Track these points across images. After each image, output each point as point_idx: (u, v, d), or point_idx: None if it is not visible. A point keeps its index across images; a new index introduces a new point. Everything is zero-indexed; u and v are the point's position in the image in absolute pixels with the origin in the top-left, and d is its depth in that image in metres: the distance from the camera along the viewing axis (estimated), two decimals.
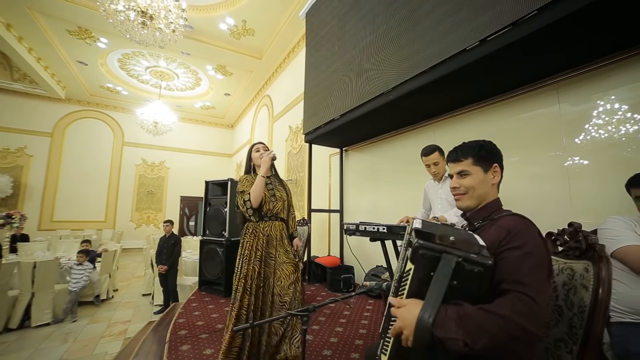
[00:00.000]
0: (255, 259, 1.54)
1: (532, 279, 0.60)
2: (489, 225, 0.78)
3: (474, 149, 0.85)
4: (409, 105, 2.55)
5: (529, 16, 1.50)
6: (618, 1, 1.29)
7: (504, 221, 0.75)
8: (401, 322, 0.58)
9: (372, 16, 2.73)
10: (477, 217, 0.84)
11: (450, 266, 0.55)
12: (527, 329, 0.54)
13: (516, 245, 0.65)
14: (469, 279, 0.56)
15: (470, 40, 1.79)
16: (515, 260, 0.63)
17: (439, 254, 0.56)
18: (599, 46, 1.66)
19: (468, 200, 0.84)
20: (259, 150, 1.74)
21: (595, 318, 0.61)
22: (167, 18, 3.76)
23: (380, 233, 1.43)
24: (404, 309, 0.59)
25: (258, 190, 1.53)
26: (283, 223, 1.69)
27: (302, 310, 0.89)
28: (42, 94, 8.07)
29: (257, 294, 1.51)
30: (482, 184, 0.82)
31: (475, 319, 0.56)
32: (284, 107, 6.21)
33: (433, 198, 1.93)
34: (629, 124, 1.66)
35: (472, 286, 0.57)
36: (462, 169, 0.84)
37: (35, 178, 8.15)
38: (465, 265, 0.56)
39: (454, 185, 0.86)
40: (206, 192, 3.51)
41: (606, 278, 0.63)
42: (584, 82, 1.83)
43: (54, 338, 2.79)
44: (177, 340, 1.99)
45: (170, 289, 3.63)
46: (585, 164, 1.80)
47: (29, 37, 5.65)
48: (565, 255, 0.81)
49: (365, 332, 2.11)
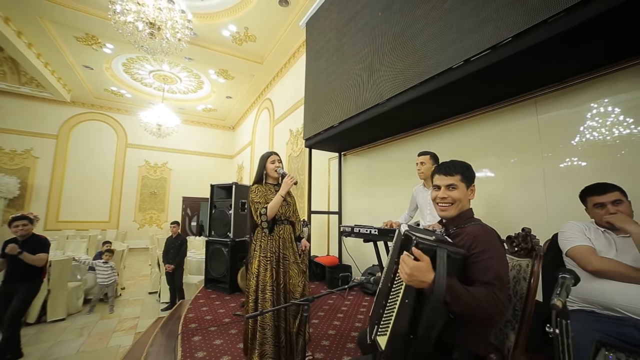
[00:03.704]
0: (273, 260, 1.69)
1: (498, 281, 0.80)
2: (460, 231, 0.97)
3: (463, 168, 1.04)
4: (402, 115, 2.73)
5: (505, 41, 1.68)
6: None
7: (470, 229, 0.94)
8: (418, 272, 0.76)
9: (369, 29, 2.90)
10: (452, 224, 1.03)
11: (444, 254, 0.77)
12: (490, 314, 0.76)
13: (483, 250, 0.85)
14: (452, 264, 0.79)
15: (456, 59, 1.97)
16: (484, 264, 0.83)
17: (435, 247, 0.78)
18: (587, 59, 1.79)
19: (452, 210, 1.01)
20: (275, 162, 1.82)
21: (528, 301, 0.79)
22: (174, 28, 3.94)
23: (372, 235, 1.62)
24: (419, 262, 0.77)
25: (275, 208, 1.68)
26: (291, 226, 1.84)
27: (304, 300, 1.08)
28: (48, 97, 8.25)
29: (273, 291, 1.65)
30: (464, 198, 1.01)
31: (458, 291, 0.77)
32: (285, 111, 6.39)
33: (422, 203, 2.10)
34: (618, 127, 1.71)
35: (453, 270, 0.80)
36: (452, 183, 1.01)
37: (41, 179, 8.33)
38: (450, 255, 0.78)
39: (443, 195, 1.02)
40: (211, 194, 3.69)
41: (537, 271, 0.81)
42: (560, 98, 2.01)
43: (70, 332, 2.98)
44: (188, 332, 2.18)
45: (177, 287, 3.81)
46: (572, 168, 1.95)
47: (38, 43, 5.84)
48: (518, 254, 0.99)
49: (361, 325, 2.29)
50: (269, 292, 1.61)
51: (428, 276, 0.75)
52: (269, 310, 1.15)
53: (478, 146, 2.53)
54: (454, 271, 0.79)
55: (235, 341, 2.02)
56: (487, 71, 1.85)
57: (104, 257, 3.85)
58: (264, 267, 1.67)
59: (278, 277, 1.67)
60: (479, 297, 0.77)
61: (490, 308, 0.76)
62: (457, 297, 0.75)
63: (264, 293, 1.62)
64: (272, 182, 1.85)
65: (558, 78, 1.95)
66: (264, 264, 1.68)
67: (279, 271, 1.68)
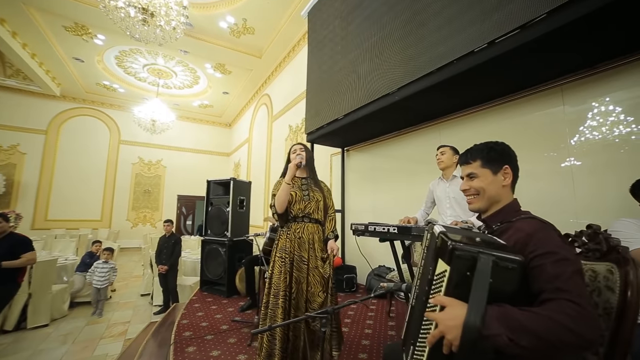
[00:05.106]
0: (286, 262, 1.51)
1: (574, 285, 0.59)
2: (505, 228, 0.78)
3: (483, 152, 0.86)
4: (414, 105, 2.55)
5: (539, 18, 1.51)
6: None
7: (522, 224, 0.74)
8: (443, 326, 0.56)
9: (378, 16, 2.72)
10: (494, 220, 0.84)
11: (488, 265, 0.55)
12: (575, 331, 0.53)
13: (546, 252, 0.64)
14: (503, 276, 0.56)
15: (478, 42, 1.80)
16: (552, 267, 0.62)
17: (476, 254, 0.56)
18: (607, 48, 1.67)
19: (479, 202, 0.85)
20: (296, 152, 1.68)
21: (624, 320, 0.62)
22: (168, 15, 3.72)
23: (391, 234, 1.43)
24: (444, 313, 0.58)
25: (281, 197, 1.52)
26: (318, 225, 1.63)
27: (321, 312, 0.89)
28: (37, 91, 7.92)
29: (287, 297, 1.46)
30: (491, 185, 0.83)
31: (518, 318, 0.55)
32: (284, 106, 6.19)
33: (441, 196, 1.93)
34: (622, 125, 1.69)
35: (507, 285, 0.57)
36: (471, 172, 0.86)
37: (29, 176, 8.00)
38: (499, 263, 0.55)
39: (464, 187, 0.87)
40: (208, 191, 3.48)
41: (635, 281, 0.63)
42: (586, 85, 1.86)
43: (53, 339, 2.75)
44: (182, 341, 1.98)
45: (171, 289, 3.59)
46: (579, 164, 1.83)
47: (23, 32, 5.54)
48: (585, 257, 0.82)
49: (371, 332, 2.11)
50: (281, 298, 1.43)
51: (459, 316, 0.55)
52: (277, 325, 0.96)
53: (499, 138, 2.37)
54: (508, 287, 0.57)
55: (235, 352, 1.83)
56: (514, 54, 1.68)
57: (103, 256, 3.69)
58: (278, 269, 1.51)
59: (291, 283, 1.48)
60: (556, 315, 0.54)
61: (573, 322, 0.53)
62: (522, 326, 0.53)
63: (276, 298, 1.45)
64: (300, 174, 1.70)
65: (591, 63, 1.79)
66: (279, 265, 1.52)
67: (292, 275, 1.49)
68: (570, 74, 1.89)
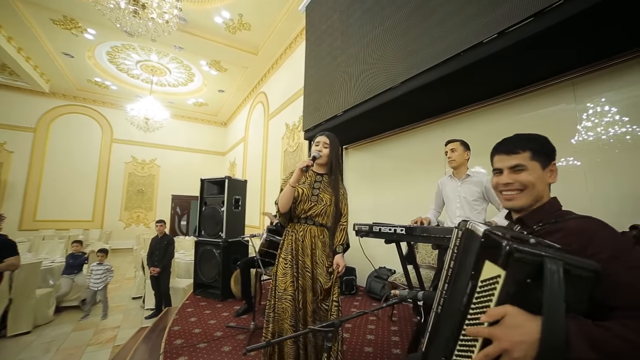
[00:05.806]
0: (293, 265, 1.41)
1: None
2: (553, 229, 0.66)
3: (534, 142, 0.73)
4: (416, 101, 2.46)
5: (550, 8, 1.43)
6: None
7: (574, 223, 0.64)
8: (508, 343, 0.46)
9: (379, 9, 2.63)
10: (534, 219, 0.72)
11: (560, 272, 0.44)
12: None
13: (613, 256, 0.55)
14: (576, 286, 0.46)
15: (487, 33, 1.71)
16: (623, 278, 0.52)
17: (541, 257, 0.46)
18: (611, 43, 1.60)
19: (523, 199, 0.72)
20: (318, 145, 1.49)
21: None
22: (161, 7, 3.57)
23: (398, 235, 1.33)
24: (507, 327, 0.47)
25: (283, 199, 1.40)
26: (322, 229, 1.49)
27: (326, 325, 0.78)
28: (24, 87, 7.66)
29: (293, 303, 1.36)
30: (539, 181, 0.71)
31: (598, 337, 0.46)
32: (281, 104, 6.07)
33: (451, 195, 1.82)
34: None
35: (579, 295, 0.47)
36: (518, 163, 0.72)
37: (16, 175, 7.73)
38: (572, 271, 0.45)
39: (507, 181, 0.73)
40: (201, 190, 3.35)
41: None
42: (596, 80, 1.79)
43: (35, 348, 2.59)
44: (172, 350, 1.85)
45: (163, 292, 3.45)
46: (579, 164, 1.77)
47: (8, 25, 5.32)
48: None
49: (374, 338, 2.01)
50: (286, 301, 1.34)
51: (529, 331, 0.45)
52: (277, 341, 0.85)
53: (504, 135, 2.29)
54: (577, 300, 0.47)
55: None
56: (525, 45, 1.60)
57: (97, 258, 3.63)
58: (282, 271, 1.41)
59: (298, 289, 1.38)
60: (634, 334, 0.45)
61: None
62: (603, 346, 0.44)
63: (281, 301, 1.35)
64: (317, 169, 1.55)
65: (608, 53, 1.71)
66: (283, 266, 1.42)
67: (298, 279, 1.39)
68: (584, 66, 1.81)
